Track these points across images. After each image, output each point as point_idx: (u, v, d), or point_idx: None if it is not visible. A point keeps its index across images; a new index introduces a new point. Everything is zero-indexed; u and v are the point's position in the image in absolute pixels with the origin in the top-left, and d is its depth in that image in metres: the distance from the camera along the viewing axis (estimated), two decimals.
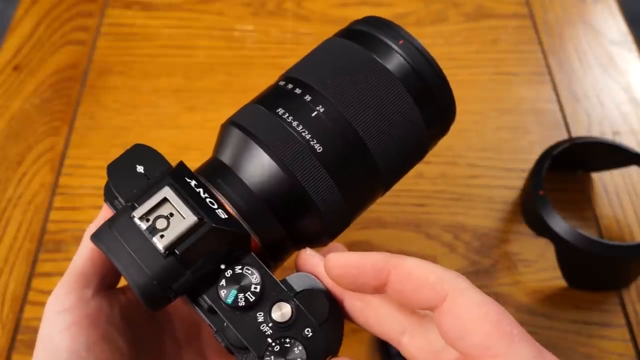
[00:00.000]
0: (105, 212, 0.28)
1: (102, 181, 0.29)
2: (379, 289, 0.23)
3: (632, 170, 0.49)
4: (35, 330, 0.41)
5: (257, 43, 0.57)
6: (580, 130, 0.52)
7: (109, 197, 0.27)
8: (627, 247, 0.40)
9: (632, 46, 0.57)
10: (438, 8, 0.60)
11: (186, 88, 0.54)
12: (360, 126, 0.28)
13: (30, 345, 0.41)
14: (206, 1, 0.60)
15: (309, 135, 0.27)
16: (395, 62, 0.29)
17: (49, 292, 0.27)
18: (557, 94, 0.54)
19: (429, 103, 0.29)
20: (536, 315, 0.43)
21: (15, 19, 0.59)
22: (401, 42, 0.29)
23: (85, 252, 0.28)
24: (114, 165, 0.27)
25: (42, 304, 0.42)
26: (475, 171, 0.49)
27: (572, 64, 0.56)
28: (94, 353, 0.26)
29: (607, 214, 0.47)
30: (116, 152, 0.27)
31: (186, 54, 0.56)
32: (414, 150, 0.31)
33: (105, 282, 0.28)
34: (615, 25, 0.59)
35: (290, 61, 0.31)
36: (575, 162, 0.48)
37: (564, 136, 0.51)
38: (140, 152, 0.27)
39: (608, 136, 0.51)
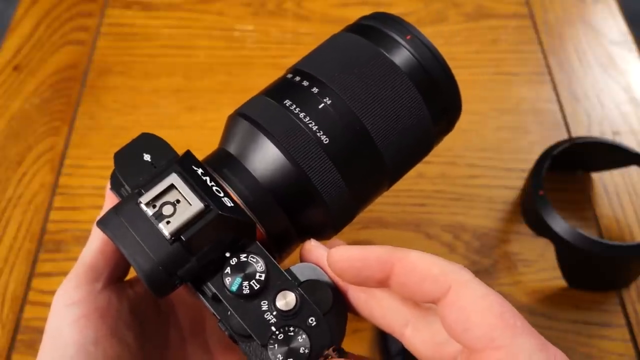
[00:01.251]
0: (110, 201, 0.28)
1: (103, 181, 0.29)
2: (382, 283, 0.23)
3: (632, 170, 0.49)
4: (35, 330, 0.42)
5: (257, 43, 0.57)
6: (580, 130, 0.52)
7: (116, 185, 0.27)
8: (627, 247, 0.40)
9: (632, 46, 0.57)
10: (438, 8, 0.60)
11: (186, 88, 0.54)
12: (367, 119, 0.28)
13: (31, 345, 0.41)
14: (206, 1, 0.60)
15: (316, 127, 0.27)
16: (402, 56, 0.29)
17: (49, 292, 0.27)
18: (557, 94, 0.54)
19: (435, 98, 0.29)
20: (536, 315, 0.43)
21: (15, 19, 0.59)
22: (409, 37, 0.30)
23: (95, 245, 0.28)
24: (120, 154, 0.27)
25: (42, 304, 0.42)
26: (475, 171, 0.49)
27: (572, 64, 0.56)
28: (102, 347, 0.26)
29: (607, 214, 0.47)
30: None
31: (186, 54, 0.56)
32: (420, 144, 0.31)
33: (114, 275, 0.28)
34: (615, 25, 0.59)
35: (291, 61, 0.31)
36: (575, 162, 0.48)
37: (564, 136, 0.51)
38: (147, 141, 0.27)
39: (608, 136, 0.51)
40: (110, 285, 0.28)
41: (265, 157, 0.27)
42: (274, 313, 0.24)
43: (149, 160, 0.26)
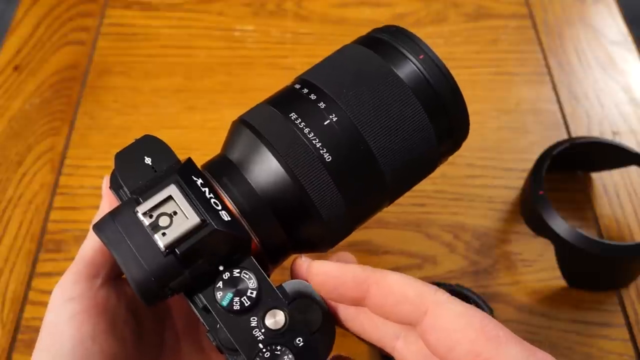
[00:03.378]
0: (107, 200, 0.28)
1: (102, 181, 0.29)
2: (358, 302, 0.24)
3: (632, 170, 0.49)
4: (35, 330, 0.41)
5: (257, 43, 0.57)
6: (580, 130, 0.52)
7: (115, 185, 0.27)
8: (627, 247, 0.40)
9: (632, 46, 0.57)
10: (438, 8, 0.60)
11: (186, 88, 0.54)
12: (372, 139, 0.28)
13: (31, 345, 0.41)
14: (206, 1, 0.60)
15: (320, 144, 0.27)
16: (413, 77, 0.29)
17: (49, 292, 0.27)
18: (557, 94, 0.54)
19: (443, 121, 0.29)
20: (536, 315, 0.43)
21: (15, 19, 0.59)
22: (422, 56, 0.29)
23: (95, 242, 0.28)
24: (122, 155, 0.27)
25: (43, 304, 0.42)
26: (475, 171, 0.49)
27: (572, 64, 0.56)
28: (99, 343, 0.26)
29: (607, 214, 0.47)
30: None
31: (186, 54, 0.56)
32: (423, 166, 0.31)
33: (113, 272, 0.28)
34: (615, 25, 0.59)
35: (291, 61, 0.31)
36: (575, 162, 0.48)
37: (563, 136, 0.51)
38: (149, 144, 0.27)
39: (608, 136, 0.51)
40: (108, 281, 0.28)
41: (266, 170, 0.27)
42: (263, 330, 0.24)
43: (150, 163, 0.26)
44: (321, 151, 0.27)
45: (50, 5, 0.60)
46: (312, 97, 0.28)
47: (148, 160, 0.26)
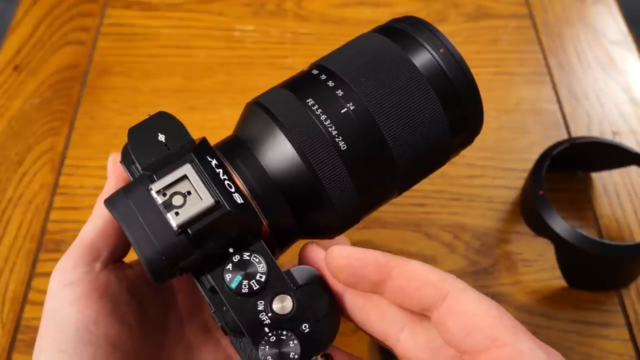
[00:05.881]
0: (116, 176, 0.28)
1: (103, 181, 0.29)
2: (377, 286, 0.24)
3: (632, 170, 0.49)
4: (35, 330, 0.41)
5: (257, 43, 0.57)
6: (580, 130, 0.52)
7: (126, 160, 0.27)
8: (627, 247, 0.40)
9: (632, 46, 0.57)
10: (438, 8, 0.60)
11: (186, 88, 0.54)
12: (387, 129, 0.28)
13: (31, 345, 0.41)
14: (206, 1, 0.60)
15: (336, 132, 0.27)
16: (432, 71, 0.29)
17: None
18: (557, 94, 0.54)
19: (458, 115, 0.29)
20: (536, 315, 0.43)
21: (15, 19, 0.59)
22: (442, 50, 0.29)
23: (97, 224, 0.28)
24: (135, 130, 0.26)
25: (43, 304, 0.42)
26: (475, 171, 0.49)
27: (572, 64, 0.56)
28: (103, 327, 0.26)
29: (607, 214, 0.47)
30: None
31: (186, 54, 0.56)
32: (435, 158, 0.31)
33: (114, 255, 0.28)
34: (615, 25, 0.59)
35: (291, 61, 0.31)
36: (575, 162, 0.48)
37: (563, 136, 0.51)
38: (164, 121, 0.27)
39: (608, 136, 0.51)
40: (108, 265, 0.28)
41: (280, 154, 0.27)
42: (269, 315, 0.24)
43: (163, 140, 0.26)
44: (337, 139, 0.27)
45: (50, 5, 0.60)
46: (330, 84, 0.28)
47: (162, 137, 0.26)
